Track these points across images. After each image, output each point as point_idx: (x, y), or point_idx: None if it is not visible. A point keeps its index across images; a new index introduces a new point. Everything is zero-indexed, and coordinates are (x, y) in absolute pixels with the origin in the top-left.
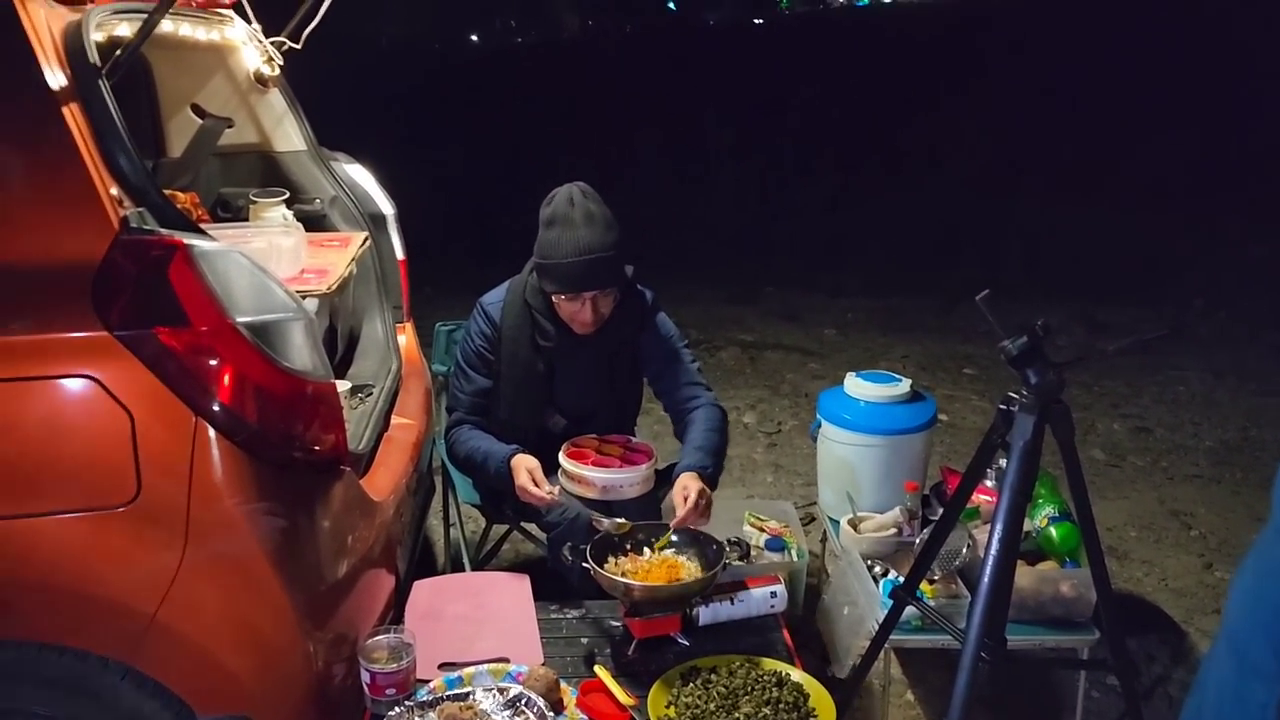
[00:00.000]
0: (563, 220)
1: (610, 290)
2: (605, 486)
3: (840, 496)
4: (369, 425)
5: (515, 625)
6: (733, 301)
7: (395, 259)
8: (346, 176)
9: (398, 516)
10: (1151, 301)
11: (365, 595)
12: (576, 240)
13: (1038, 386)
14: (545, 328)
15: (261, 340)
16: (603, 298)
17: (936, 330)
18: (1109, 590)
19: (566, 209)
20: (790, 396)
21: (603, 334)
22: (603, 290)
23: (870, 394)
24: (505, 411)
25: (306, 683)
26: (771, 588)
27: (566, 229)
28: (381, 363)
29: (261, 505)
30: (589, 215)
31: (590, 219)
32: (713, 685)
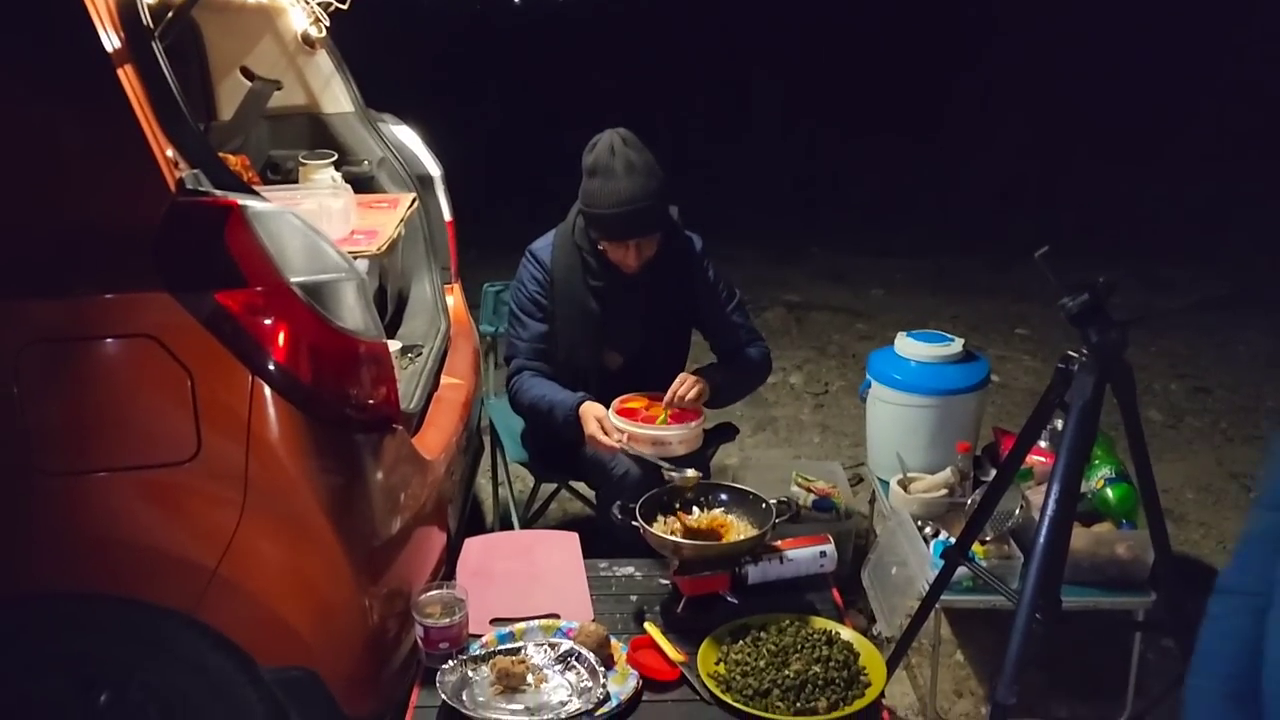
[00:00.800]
0: (604, 170)
1: (653, 236)
2: (654, 442)
3: (890, 457)
4: (419, 385)
5: (565, 582)
6: (778, 262)
7: (443, 220)
8: (394, 138)
9: (448, 474)
10: (1212, 260)
11: (418, 551)
12: (618, 191)
13: (1099, 345)
14: (594, 268)
15: (315, 300)
16: (646, 242)
17: (988, 290)
18: (1168, 552)
19: (608, 158)
20: (837, 357)
21: (651, 274)
22: (643, 238)
23: (921, 353)
24: (564, 352)
25: (363, 636)
26: (821, 547)
27: (608, 179)
28: (430, 323)
29: (317, 462)
30: (629, 165)
31: (631, 168)
32: (762, 643)
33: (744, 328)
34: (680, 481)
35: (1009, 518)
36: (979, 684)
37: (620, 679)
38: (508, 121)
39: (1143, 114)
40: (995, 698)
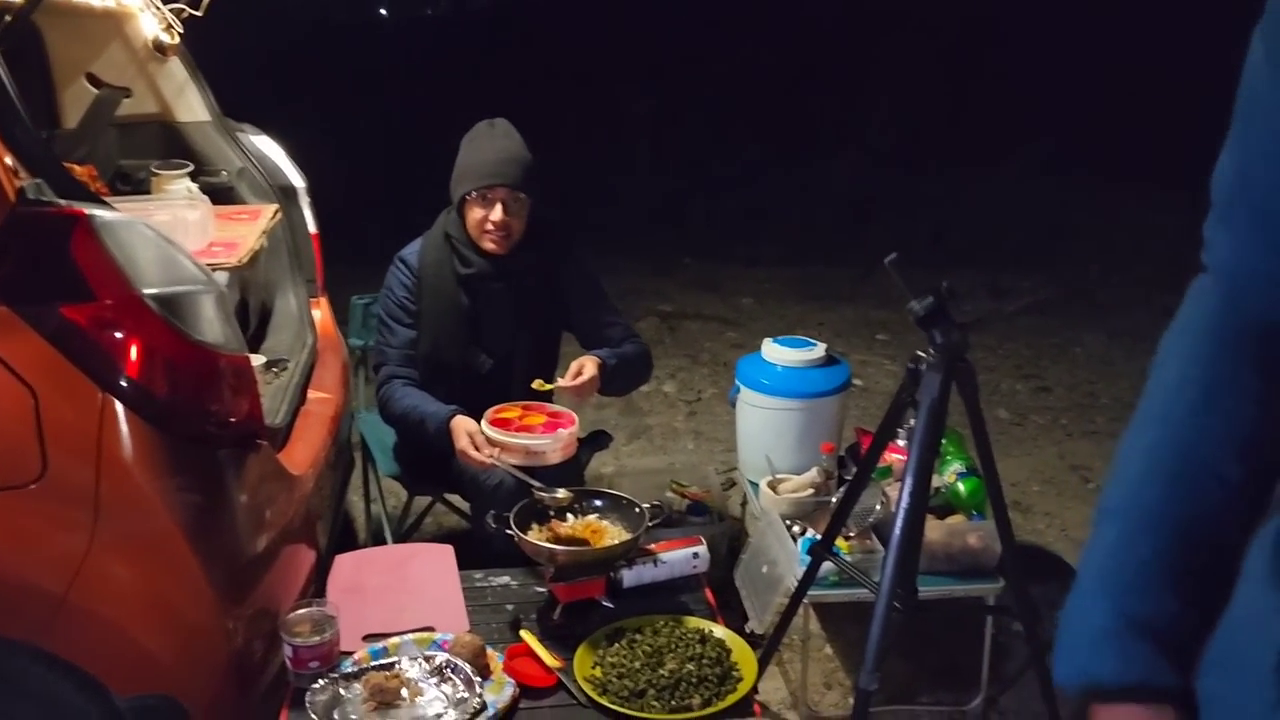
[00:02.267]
0: (482, 135)
1: (522, 199)
2: (529, 451)
3: (759, 459)
4: (285, 399)
5: (440, 595)
6: (652, 273)
7: (307, 232)
8: (254, 148)
9: (317, 489)
10: (1051, 267)
11: (285, 570)
12: (493, 144)
13: (943, 345)
14: (465, 255)
15: (170, 313)
16: (513, 203)
17: (850, 298)
18: (1013, 541)
19: (485, 128)
20: (710, 365)
21: (519, 260)
22: (513, 189)
23: (787, 359)
24: (426, 347)
25: (227, 659)
26: (693, 549)
27: (485, 139)
28: (296, 337)
29: (175, 481)
30: (508, 131)
31: (508, 134)
32: (637, 644)
33: (619, 325)
34: (551, 502)
35: (870, 513)
36: (846, 675)
37: (497, 688)
38: (376, 131)
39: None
40: (859, 684)
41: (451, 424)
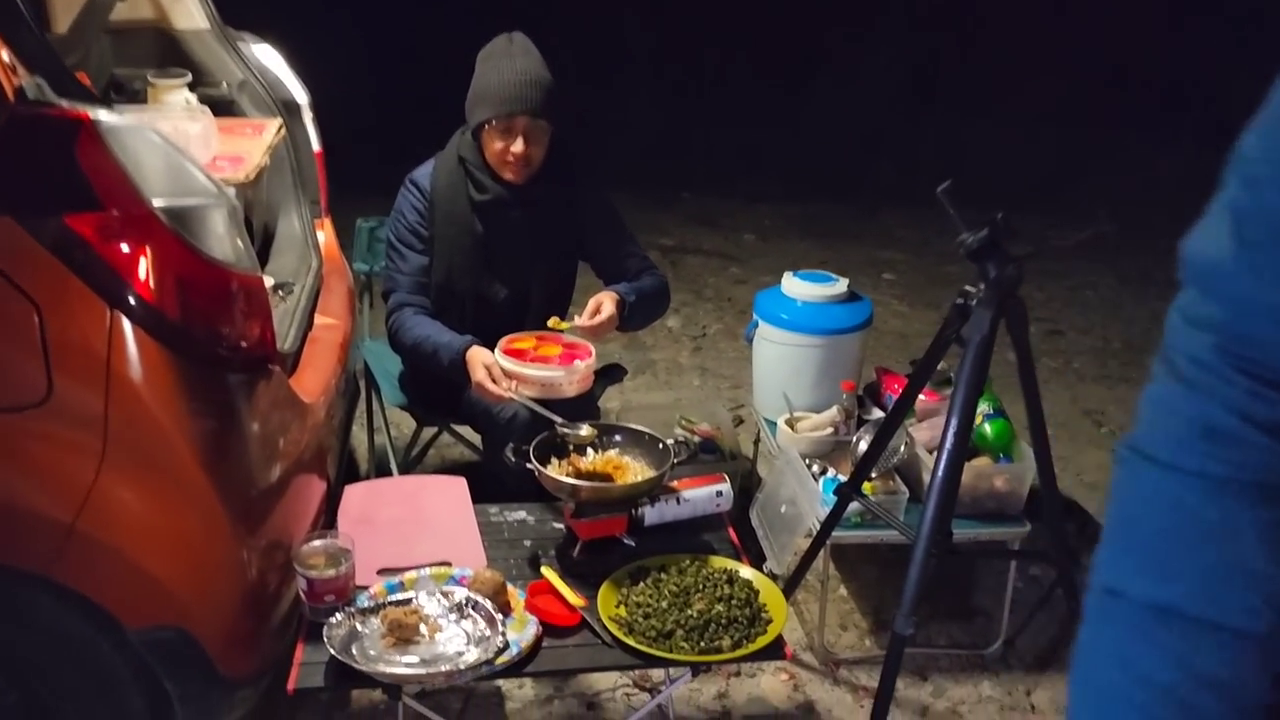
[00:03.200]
0: (500, 53)
1: (543, 126)
2: (544, 384)
3: (776, 397)
4: (293, 324)
5: (455, 529)
6: (650, 207)
7: (311, 150)
8: (255, 59)
9: (328, 419)
10: (1059, 210)
11: (298, 500)
12: (513, 66)
13: (996, 280)
14: (480, 180)
15: (181, 227)
16: (534, 131)
17: (855, 236)
18: (1054, 486)
19: (504, 45)
20: (714, 300)
21: (537, 187)
22: (535, 116)
23: (808, 294)
24: (440, 275)
25: (240, 590)
26: (716, 486)
27: (503, 59)
28: (301, 260)
29: (187, 406)
30: (526, 49)
31: (527, 51)
32: (663, 584)
33: (637, 256)
34: (574, 439)
35: (894, 454)
36: (862, 617)
37: (519, 626)
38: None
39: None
40: (895, 628)
41: (468, 355)
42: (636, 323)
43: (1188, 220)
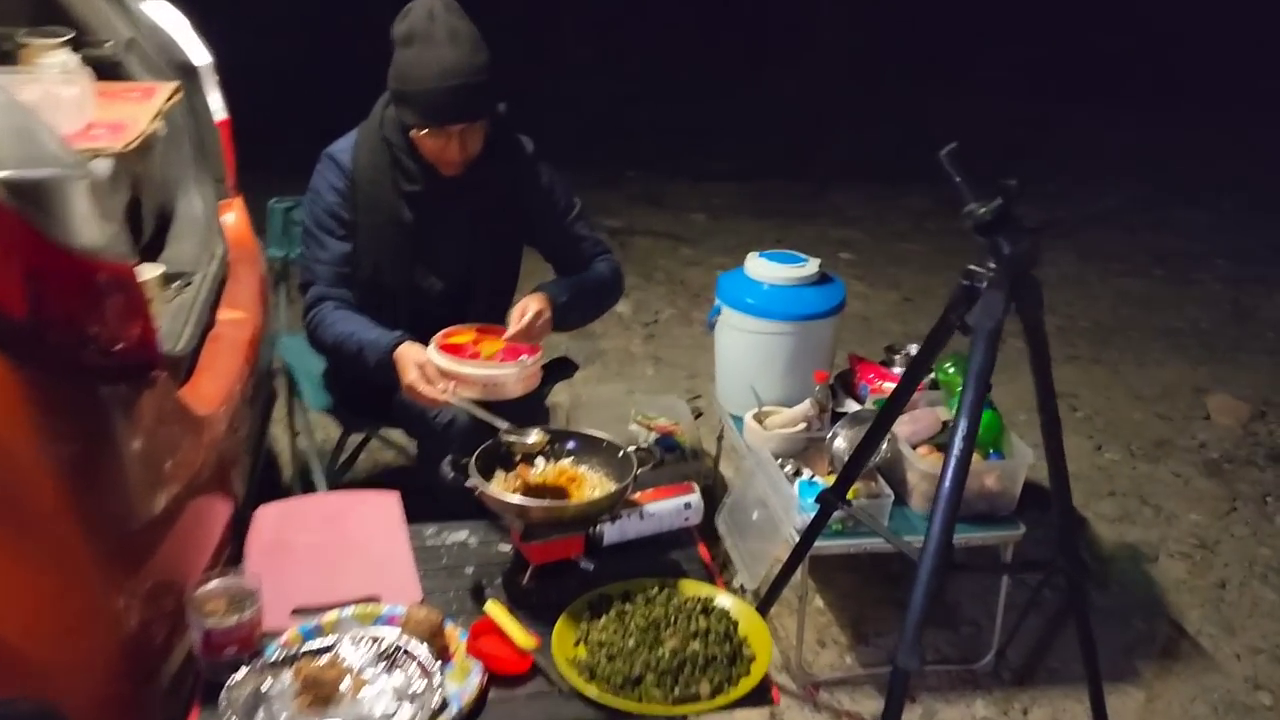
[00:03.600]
0: (422, 37)
1: (479, 124)
2: (485, 383)
3: (742, 390)
4: (189, 321)
5: (385, 555)
6: (595, 186)
7: (213, 120)
8: (146, 17)
9: (231, 431)
10: None
11: (192, 532)
12: (440, 61)
13: (1011, 258)
14: (408, 167)
15: (28, 204)
16: (472, 131)
17: (808, 215)
18: (1068, 495)
19: (426, 24)
20: (665, 284)
21: (475, 175)
22: (471, 122)
23: (775, 275)
24: (368, 270)
25: (115, 648)
26: (684, 498)
27: (427, 47)
28: (202, 245)
29: (42, 426)
30: (453, 32)
31: (455, 36)
32: (628, 617)
33: (588, 239)
34: (522, 448)
35: (876, 452)
36: (841, 631)
37: (460, 675)
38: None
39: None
40: (898, 662)
41: (396, 354)
42: (576, 320)
43: (1141, 196)
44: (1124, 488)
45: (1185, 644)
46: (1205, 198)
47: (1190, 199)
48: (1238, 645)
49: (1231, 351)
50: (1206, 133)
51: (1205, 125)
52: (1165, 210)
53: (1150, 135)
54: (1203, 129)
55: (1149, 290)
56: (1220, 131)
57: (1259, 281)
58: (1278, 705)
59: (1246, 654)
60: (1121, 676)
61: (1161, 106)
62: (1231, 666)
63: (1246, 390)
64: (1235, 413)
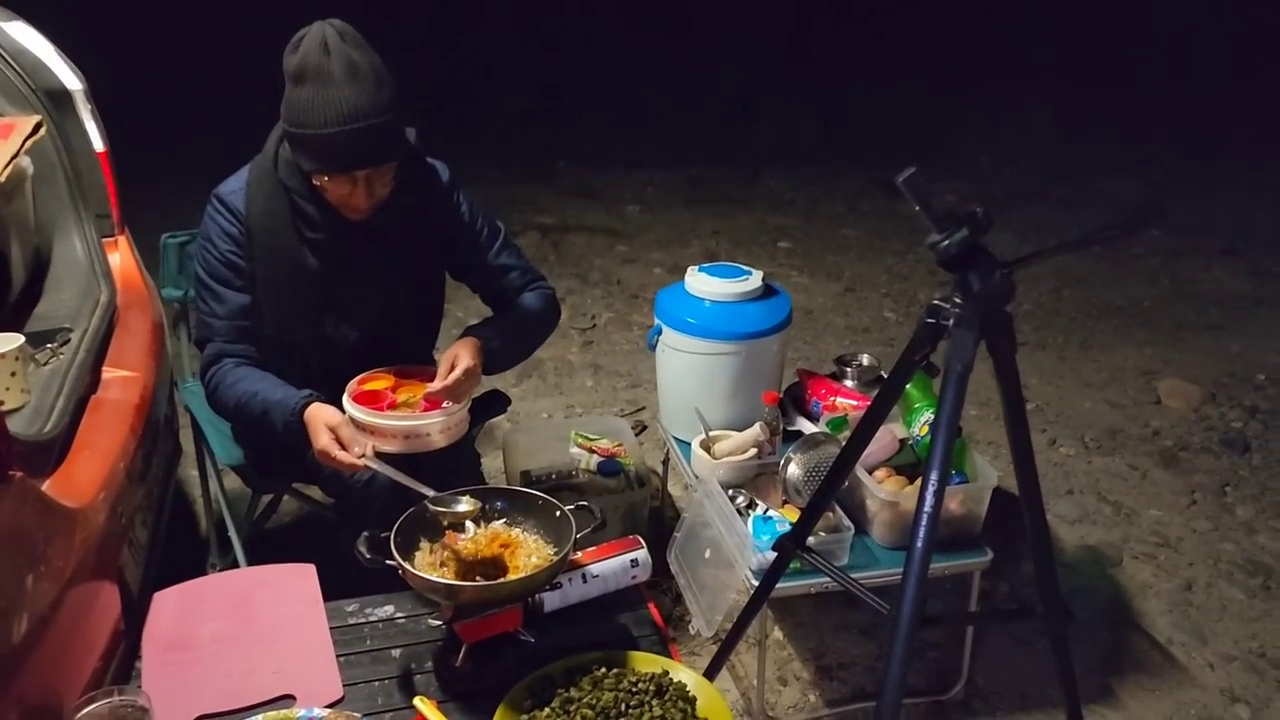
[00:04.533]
0: (315, 74)
1: (388, 165)
2: (408, 435)
3: (687, 412)
4: (62, 391)
5: (300, 644)
6: (524, 180)
7: (92, 150)
8: (7, 40)
9: (115, 517)
10: (942, 162)
11: (70, 646)
12: (338, 102)
13: (981, 294)
14: (309, 214)
15: None
16: (379, 175)
17: (742, 201)
18: (1046, 534)
19: (320, 58)
20: (602, 285)
21: (386, 216)
22: (377, 167)
23: (717, 291)
24: (271, 326)
25: None
26: (631, 554)
27: (322, 87)
28: (84, 294)
29: None
30: (351, 68)
31: (354, 72)
32: (575, 707)
33: (517, 269)
34: (453, 518)
35: None
36: (802, 666)
37: None
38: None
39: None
40: None
41: (306, 415)
42: (507, 361)
43: (1072, 168)
44: (1081, 484)
45: (1156, 655)
46: (1134, 167)
47: (1117, 167)
48: (1210, 654)
49: (1175, 330)
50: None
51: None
52: (1140, 234)
53: (1072, 105)
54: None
55: (1088, 268)
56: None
57: (1193, 253)
58: (1255, 717)
59: (1220, 662)
60: (1094, 697)
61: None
62: (1206, 678)
63: (1194, 371)
64: (1186, 396)
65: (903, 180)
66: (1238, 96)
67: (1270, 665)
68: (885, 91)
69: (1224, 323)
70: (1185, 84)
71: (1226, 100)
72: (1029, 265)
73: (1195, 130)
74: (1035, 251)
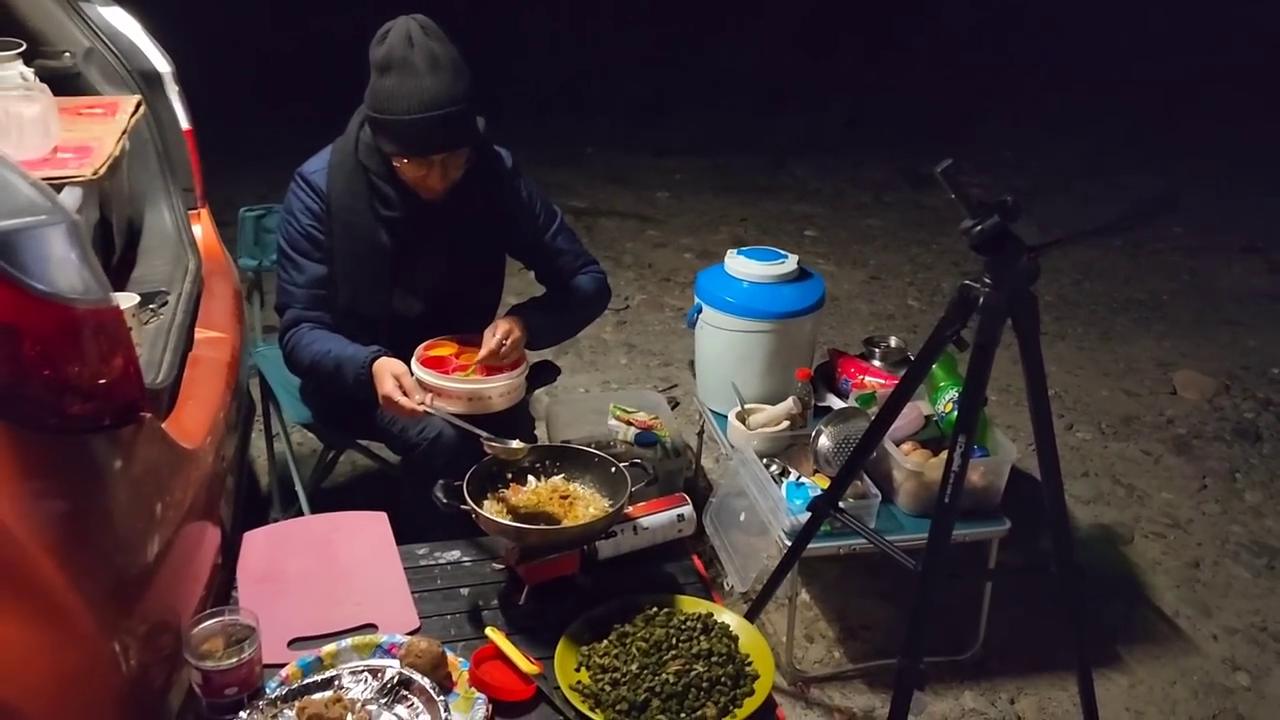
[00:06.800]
0: (401, 65)
1: (461, 151)
2: (470, 397)
3: (724, 387)
4: (168, 347)
5: (378, 580)
6: (555, 164)
7: (179, 129)
8: (105, 23)
9: (218, 460)
10: (966, 155)
11: (184, 568)
12: (420, 91)
13: (1009, 275)
14: (386, 194)
15: (4, 256)
16: (453, 159)
17: (768, 190)
18: (1062, 499)
19: (404, 50)
20: (634, 268)
21: (456, 198)
22: (452, 152)
23: (755, 273)
24: (346, 297)
25: (116, 697)
26: (678, 510)
27: (406, 76)
28: (175, 262)
29: (26, 485)
30: (433, 59)
31: (435, 64)
32: (630, 640)
33: (570, 253)
34: (505, 455)
35: None
36: (828, 625)
37: (465, 706)
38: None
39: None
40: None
41: (375, 367)
42: (554, 337)
43: (1094, 162)
44: (1097, 468)
45: (1164, 627)
46: (1155, 163)
47: (1140, 164)
48: (1214, 626)
49: (1193, 324)
50: (1153, 95)
51: (1151, 88)
52: (1156, 223)
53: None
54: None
55: (1110, 262)
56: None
57: (1214, 250)
58: (1255, 685)
59: (1223, 634)
60: (1104, 663)
61: (1105, 70)
62: (1209, 648)
63: (1209, 364)
64: (1200, 388)
65: (940, 171)
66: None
67: (1271, 638)
68: (911, 85)
69: (1241, 318)
70: (1213, 82)
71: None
72: (1054, 250)
73: (1221, 128)
74: (1060, 237)
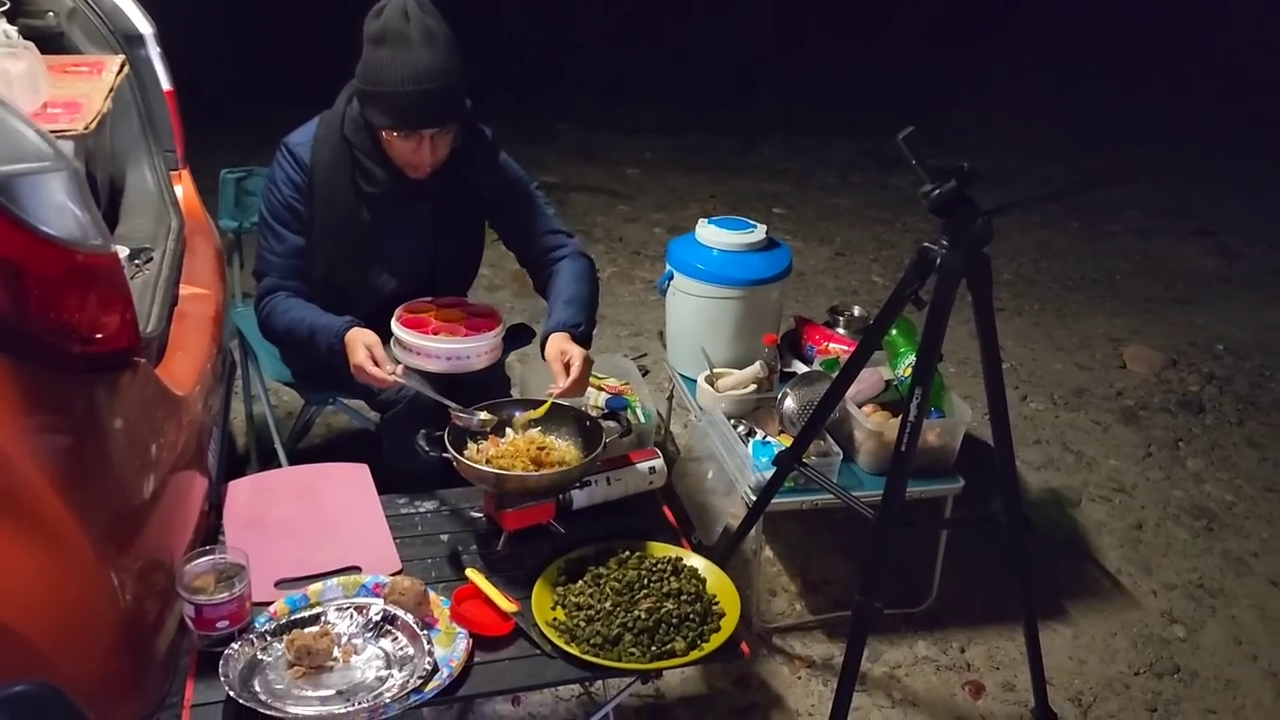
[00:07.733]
0: (396, 37)
1: (451, 127)
2: (450, 357)
3: (693, 352)
4: (155, 299)
5: (361, 525)
6: (525, 141)
7: (160, 90)
8: None
9: (205, 409)
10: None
11: (176, 510)
12: (414, 64)
13: (965, 237)
14: (370, 170)
15: (7, 200)
16: (442, 136)
17: (738, 168)
18: (1010, 453)
19: (400, 24)
20: (605, 241)
21: (438, 177)
22: (444, 127)
23: (725, 241)
24: (322, 268)
25: (113, 626)
26: (649, 463)
27: (401, 48)
28: (158, 220)
29: (31, 420)
30: (428, 33)
31: (430, 38)
32: (604, 580)
33: (553, 231)
34: (474, 426)
35: None
36: (790, 580)
37: (446, 640)
38: None
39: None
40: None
41: (347, 337)
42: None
43: (1058, 148)
44: (1048, 436)
45: (1107, 582)
46: (1114, 149)
47: (1100, 150)
48: (1154, 583)
49: (1144, 302)
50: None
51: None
52: (1102, 188)
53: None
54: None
55: (1066, 243)
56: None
57: (1166, 233)
58: (1190, 637)
59: (1162, 590)
60: (1050, 615)
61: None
62: (1149, 602)
63: (1158, 339)
64: (1149, 362)
65: (902, 138)
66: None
67: (1207, 594)
68: (879, 68)
69: (1191, 297)
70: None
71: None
72: (1006, 214)
73: (1176, 116)
74: (1010, 202)
